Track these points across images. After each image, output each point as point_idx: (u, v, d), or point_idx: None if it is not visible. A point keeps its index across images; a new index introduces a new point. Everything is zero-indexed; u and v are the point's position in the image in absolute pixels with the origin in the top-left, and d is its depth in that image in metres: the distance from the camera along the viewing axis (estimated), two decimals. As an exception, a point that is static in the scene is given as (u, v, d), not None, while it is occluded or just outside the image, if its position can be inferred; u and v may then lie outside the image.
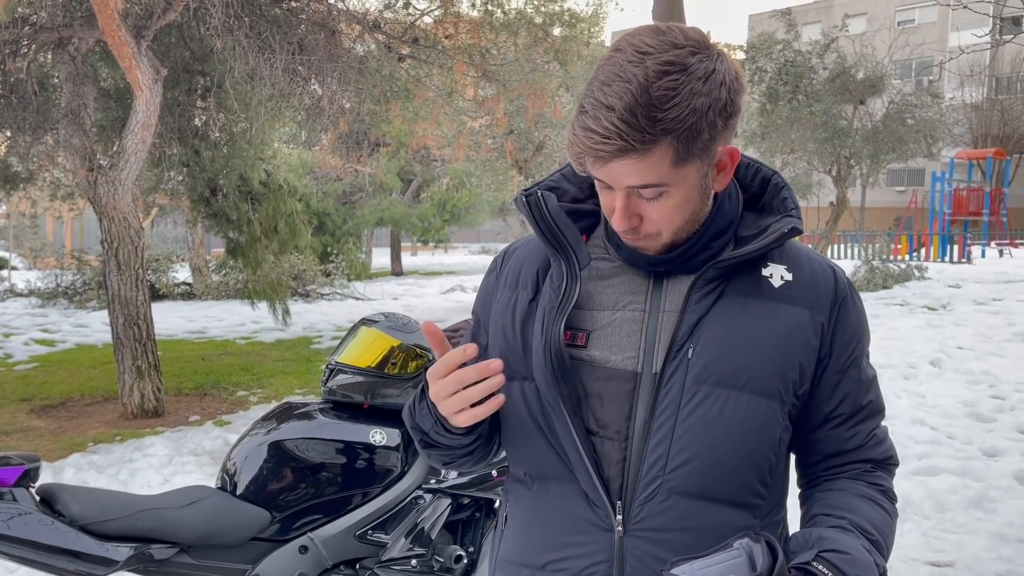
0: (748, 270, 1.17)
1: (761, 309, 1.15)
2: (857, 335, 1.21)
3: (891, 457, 1.25)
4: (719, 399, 1.12)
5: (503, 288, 1.27)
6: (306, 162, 17.76)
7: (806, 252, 1.23)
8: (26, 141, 8.20)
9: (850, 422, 1.21)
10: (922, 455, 5.31)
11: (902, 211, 33.86)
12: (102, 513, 2.05)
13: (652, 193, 1.08)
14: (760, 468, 1.15)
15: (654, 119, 1.01)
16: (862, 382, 1.21)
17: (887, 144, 15.18)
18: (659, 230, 1.13)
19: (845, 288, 1.21)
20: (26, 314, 13.17)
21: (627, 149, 1.03)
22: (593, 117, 1.03)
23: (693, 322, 1.14)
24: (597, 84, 1.05)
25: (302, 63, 6.71)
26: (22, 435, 6.25)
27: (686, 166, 1.07)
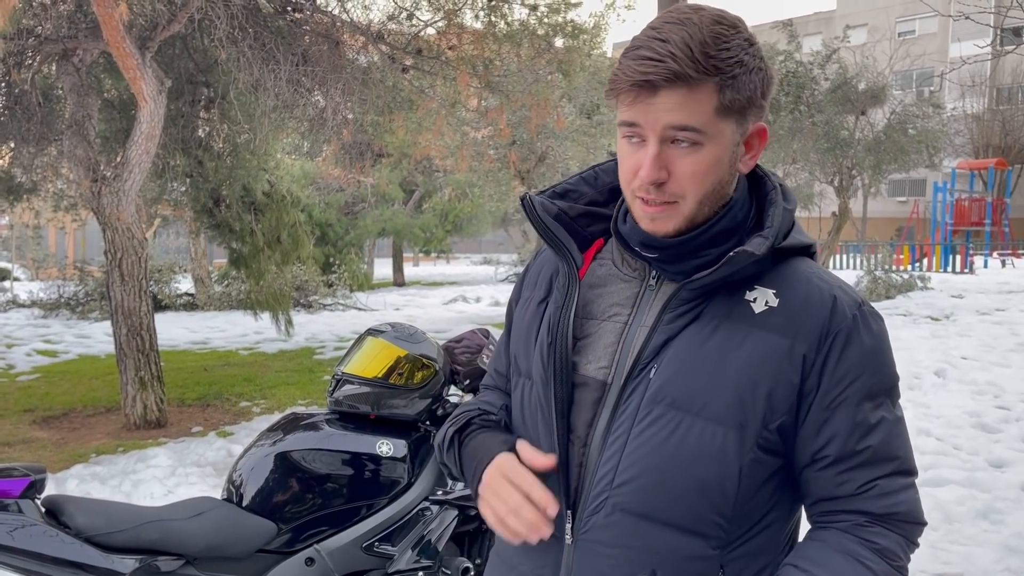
0: (729, 292, 1.12)
1: (732, 334, 1.10)
2: (854, 373, 1.09)
3: (896, 513, 1.10)
4: (671, 421, 1.09)
5: (527, 289, 1.31)
6: (309, 173, 17.79)
7: (809, 276, 1.14)
8: (30, 152, 8.22)
9: (839, 466, 1.10)
10: (928, 466, 5.28)
11: (904, 221, 33.86)
12: (108, 525, 2.04)
13: (687, 138, 1.06)
14: (712, 497, 1.09)
15: (707, 55, 1.03)
16: (857, 425, 1.10)
17: (889, 154, 15.20)
18: (684, 192, 1.09)
19: (846, 320, 1.10)
20: (28, 325, 13.18)
21: (679, 75, 1.02)
22: (647, 47, 1.04)
23: (661, 341, 1.12)
24: (648, 29, 1.07)
25: (306, 74, 6.73)
26: (25, 446, 6.24)
27: (725, 120, 1.06)
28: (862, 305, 1.13)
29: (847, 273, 18.77)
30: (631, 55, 1.06)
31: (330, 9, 7.03)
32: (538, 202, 1.22)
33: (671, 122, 1.05)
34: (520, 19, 7.25)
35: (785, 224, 1.14)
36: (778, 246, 1.13)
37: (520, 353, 1.26)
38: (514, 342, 1.29)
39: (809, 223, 34.70)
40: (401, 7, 7.14)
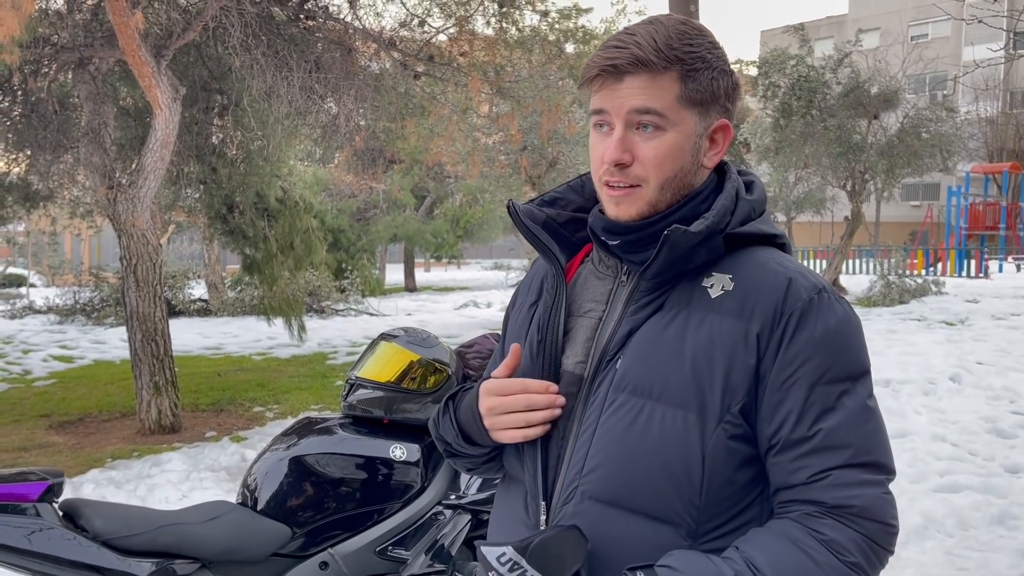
0: (689, 280, 1.15)
1: (689, 320, 1.12)
2: (807, 353, 1.09)
3: (850, 506, 1.06)
4: (634, 408, 1.12)
5: (521, 295, 1.36)
6: (321, 179, 17.87)
7: (766, 260, 1.16)
8: (46, 159, 8.31)
9: (791, 451, 1.09)
10: (944, 472, 5.25)
11: (917, 225, 33.68)
12: (124, 528, 2.06)
13: (651, 121, 1.12)
14: (678, 482, 1.09)
15: (671, 46, 1.11)
16: (808, 407, 1.08)
17: (902, 159, 15.13)
18: (646, 175, 1.13)
19: (800, 300, 1.10)
20: (44, 331, 13.28)
21: (641, 60, 1.10)
22: (615, 39, 1.14)
23: (626, 332, 1.15)
24: (622, 30, 1.17)
25: (318, 81, 6.78)
26: (41, 451, 6.29)
27: (687, 109, 1.13)
28: (823, 290, 1.13)
29: (860, 277, 18.69)
30: (601, 48, 1.15)
31: (342, 16, 7.07)
32: (523, 209, 1.27)
33: (635, 105, 1.11)
34: (531, 25, 7.28)
35: (740, 212, 1.17)
36: (732, 232, 1.15)
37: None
38: (508, 345, 1.34)
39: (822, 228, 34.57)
40: (413, 14, 7.18)
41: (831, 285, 1.17)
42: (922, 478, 5.15)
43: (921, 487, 5.00)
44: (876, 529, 1.07)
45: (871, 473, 1.08)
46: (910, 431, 6.11)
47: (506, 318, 1.40)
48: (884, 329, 11.08)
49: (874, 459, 1.09)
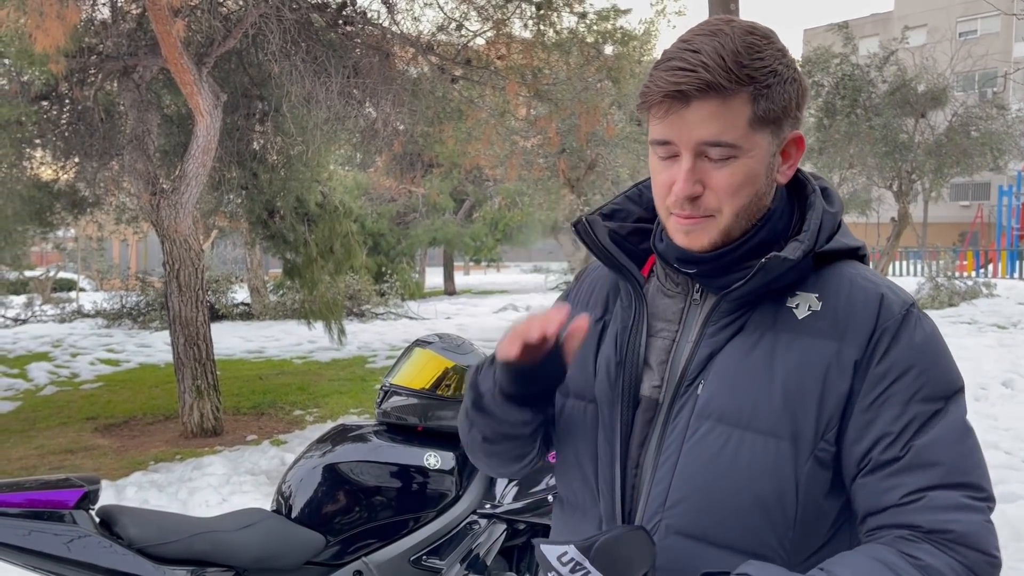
0: (772, 300, 1.08)
1: (777, 343, 1.06)
2: (900, 368, 1.02)
3: (949, 531, 0.96)
4: (721, 436, 1.05)
5: (578, 307, 1.25)
6: (361, 184, 18.01)
7: (852, 276, 1.09)
8: (93, 167, 8.47)
9: (883, 471, 1.01)
10: (996, 481, 5.07)
11: (967, 226, 32.89)
12: (159, 536, 2.06)
13: (721, 154, 1.03)
14: (772, 514, 1.03)
15: (740, 64, 1.01)
16: (906, 425, 1.01)
17: (951, 158, 14.77)
18: (720, 206, 1.06)
19: (894, 317, 1.05)
20: (92, 334, 13.57)
21: (711, 85, 1.00)
22: (678, 59, 1.02)
23: (706, 355, 1.09)
24: (679, 42, 1.04)
25: (357, 86, 6.81)
26: (86, 453, 6.40)
27: (760, 131, 1.04)
28: (912, 305, 1.08)
29: (907, 280, 18.28)
30: (662, 67, 1.03)
31: (380, 22, 7.10)
32: (597, 225, 1.20)
33: (704, 137, 1.02)
34: (569, 27, 7.23)
35: (827, 228, 1.10)
36: (819, 250, 1.09)
37: (578, 374, 1.20)
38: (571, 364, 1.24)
39: (867, 229, 33.93)
40: (451, 18, 7.18)
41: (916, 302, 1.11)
42: (974, 487, 4.99)
43: (973, 497, 4.83)
44: (978, 560, 0.97)
45: (969, 496, 0.99)
46: (961, 438, 5.93)
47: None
48: (933, 333, 10.80)
49: (972, 480, 1.01)
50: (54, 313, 16.76)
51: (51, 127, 7.96)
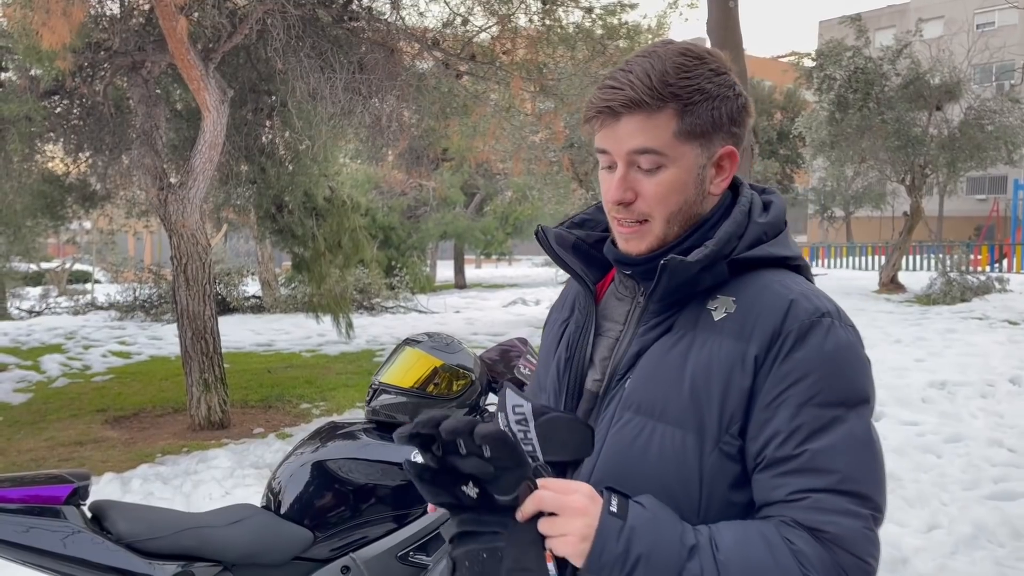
0: (696, 303, 1.17)
1: (693, 342, 1.14)
2: (799, 373, 1.08)
3: (825, 532, 1.02)
4: (637, 426, 1.14)
5: (555, 311, 1.41)
6: (372, 177, 18.06)
7: (770, 283, 1.15)
8: (104, 161, 8.54)
9: (775, 469, 1.07)
10: (998, 479, 5.06)
11: (983, 220, 32.58)
12: (148, 531, 2.10)
13: (650, 163, 1.14)
14: (678, 501, 1.09)
15: (665, 83, 1.11)
16: (798, 427, 1.06)
17: (964, 151, 14.65)
18: (651, 211, 1.16)
19: (798, 322, 1.10)
20: (105, 327, 13.69)
21: (637, 102, 1.11)
22: (612, 79, 1.15)
23: (635, 352, 1.18)
24: (622, 63, 1.17)
25: (362, 82, 6.83)
26: (95, 445, 6.48)
27: (687, 143, 1.14)
28: (826, 314, 1.12)
29: (921, 275, 18.15)
30: (599, 86, 1.16)
31: (386, 17, 7.11)
32: (553, 234, 1.30)
33: (633, 146, 1.13)
34: (575, 22, 7.22)
35: (749, 237, 1.17)
36: (738, 257, 1.16)
37: (540, 369, 1.37)
38: (541, 361, 1.39)
39: (882, 223, 33.70)
40: (456, 12, 7.18)
41: (840, 310, 1.15)
42: (975, 485, 4.98)
43: (973, 494, 4.82)
44: (850, 562, 1.02)
45: (856, 504, 1.04)
46: (965, 435, 5.91)
47: (544, 333, 1.44)
48: (943, 328, 10.74)
49: (861, 490, 1.05)
50: (68, 305, 16.92)
51: (61, 122, 8.03)
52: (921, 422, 6.27)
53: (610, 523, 1.00)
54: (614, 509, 1.02)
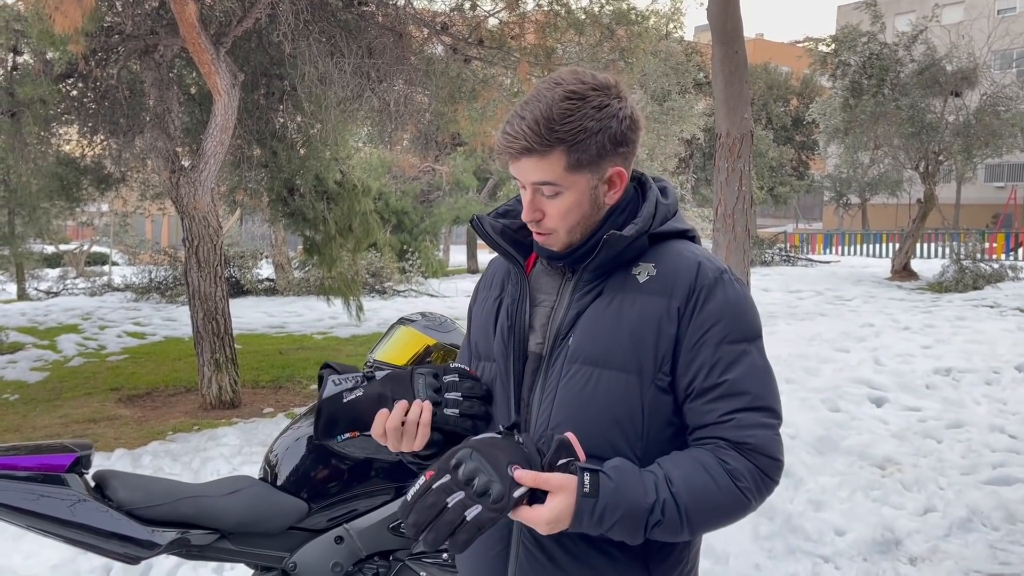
0: (621, 270, 1.42)
1: (624, 301, 1.39)
2: (713, 319, 1.36)
3: (748, 443, 1.33)
4: (585, 374, 1.38)
5: (483, 290, 1.61)
6: (385, 162, 18.12)
7: (680, 250, 1.43)
8: (118, 144, 8.64)
9: (704, 397, 1.36)
10: (997, 464, 5.09)
11: (1001, 208, 32.26)
12: (147, 499, 2.18)
13: (550, 191, 1.38)
14: (624, 429, 1.36)
15: (552, 130, 1.34)
16: (717, 361, 1.35)
17: (979, 139, 14.52)
18: (556, 227, 1.40)
19: (707, 279, 1.38)
20: (121, 307, 13.88)
21: (529, 149, 1.35)
22: (510, 123, 1.37)
23: (574, 315, 1.42)
24: (522, 101, 1.39)
25: (372, 66, 6.87)
26: (108, 423, 6.62)
27: (577, 173, 1.37)
28: (724, 272, 1.41)
29: (934, 262, 18.04)
30: (502, 129, 1.39)
31: (394, 2, 7.15)
32: (487, 222, 1.54)
33: (532, 179, 1.38)
34: (583, 7, 7.22)
35: (660, 214, 1.44)
36: (654, 231, 1.42)
37: (480, 341, 1.54)
38: (474, 333, 1.57)
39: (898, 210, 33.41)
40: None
41: (729, 269, 1.44)
42: (974, 470, 5.01)
43: (971, 479, 4.86)
44: (767, 463, 1.34)
45: (766, 416, 1.36)
46: (966, 421, 5.93)
47: (469, 312, 1.63)
48: (952, 316, 10.71)
49: (767, 404, 1.37)
50: (85, 286, 17.15)
51: (76, 105, 8.13)
52: (924, 408, 6.29)
53: (585, 504, 1.24)
54: (587, 489, 1.25)
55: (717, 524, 1.34)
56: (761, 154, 24.23)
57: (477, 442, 1.29)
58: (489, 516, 1.21)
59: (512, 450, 1.28)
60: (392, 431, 1.41)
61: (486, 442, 1.29)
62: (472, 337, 1.58)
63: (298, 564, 2.37)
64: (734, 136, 5.77)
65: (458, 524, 1.21)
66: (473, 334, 1.58)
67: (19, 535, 3.97)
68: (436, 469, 1.25)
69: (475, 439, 1.31)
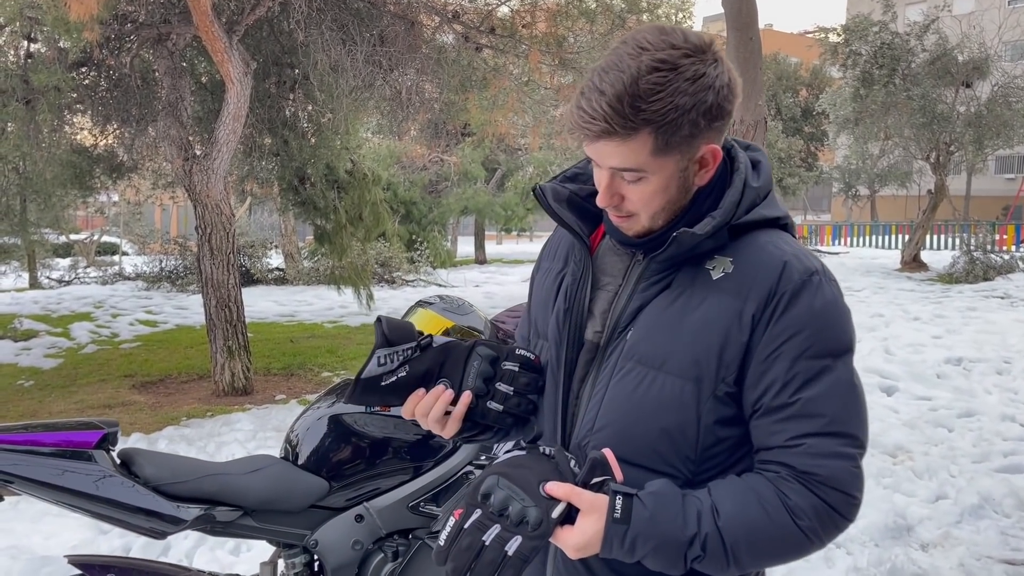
0: (694, 263, 1.24)
1: (691, 299, 1.22)
2: (794, 329, 1.17)
3: (816, 474, 1.15)
4: (639, 375, 1.23)
5: (546, 260, 1.45)
6: (393, 152, 18.13)
7: (764, 244, 1.23)
8: (131, 132, 8.69)
9: (772, 416, 1.18)
10: (1008, 452, 5.10)
11: (1011, 199, 32.09)
12: (172, 476, 2.22)
13: (632, 177, 1.19)
14: (676, 442, 1.21)
15: (637, 109, 1.12)
16: (792, 377, 1.17)
17: (991, 129, 14.45)
18: (637, 212, 1.23)
19: (792, 282, 1.19)
20: (132, 296, 13.96)
21: (610, 132, 1.14)
22: (587, 98, 1.15)
23: (636, 307, 1.26)
24: (597, 70, 1.16)
25: (383, 55, 6.89)
26: (123, 408, 6.68)
27: (665, 156, 1.17)
28: (815, 272, 1.21)
29: (944, 254, 17.97)
30: (576, 102, 1.17)
31: (407, -10, 7.16)
32: (549, 189, 1.35)
33: (612, 164, 1.19)
34: (595, -6, 7.22)
35: (746, 201, 1.24)
36: (736, 222, 1.23)
37: (539, 318, 1.40)
38: (534, 307, 1.43)
39: (908, 201, 33.27)
40: (476, -15, 7.20)
41: (826, 268, 1.23)
42: (985, 458, 5.02)
43: (983, 467, 4.87)
44: (837, 498, 1.16)
45: (843, 444, 1.17)
46: (978, 411, 5.94)
47: (532, 279, 1.48)
48: (963, 307, 10.70)
49: (847, 430, 1.17)
50: (97, 275, 17.24)
51: (89, 93, 8.17)
52: (935, 397, 6.30)
53: (615, 530, 1.12)
54: (618, 515, 1.13)
55: (773, 562, 1.19)
56: (770, 145, 24.15)
57: (501, 465, 1.18)
58: (531, 545, 1.11)
59: (540, 465, 1.18)
60: (420, 417, 1.33)
61: (511, 463, 1.18)
62: (532, 311, 1.44)
63: (319, 541, 2.41)
64: (748, 123, 5.78)
65: (501, 562, 1.11)
66: (533, 307, 1.44)
67: (39, 516, 4.03)
68: (464, 506, 1.15)
69: (498, 462, 1.19)
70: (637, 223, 1.25)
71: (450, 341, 1.36)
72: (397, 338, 1.34)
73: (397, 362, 1.33)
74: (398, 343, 1.34)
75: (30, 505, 3.99)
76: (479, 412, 1.32)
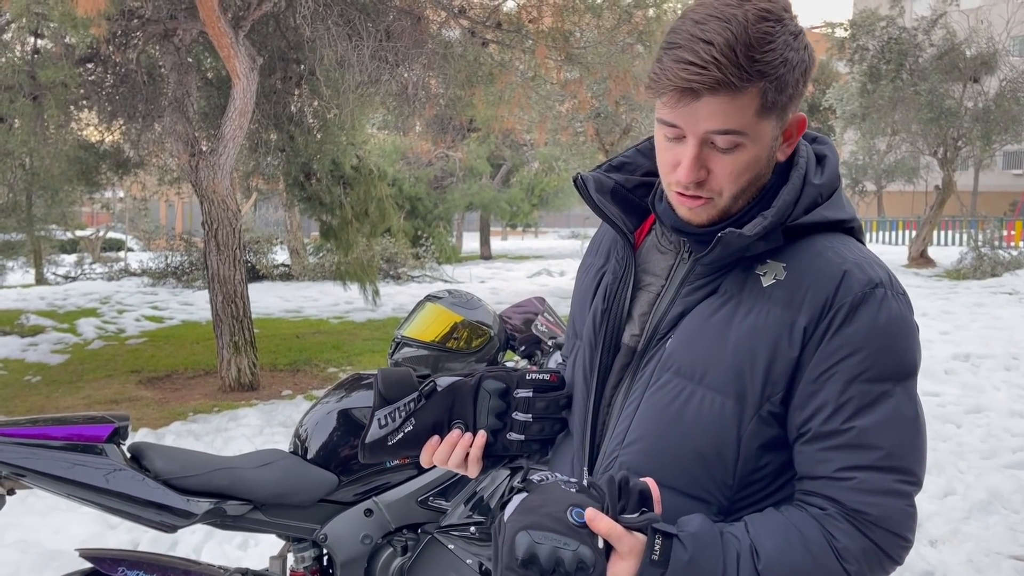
0: (744, 267, 1.13)
1: (738, 307, 1.10)
2: (851, 347, 1.05)
3: (867, 513, 1.03)
4: (675, 388, 1.12)
5: (590, 255, 1.35)
6: (399, 148, 18.14)
7: (823, 250, 1.11)
8: (137, 128, 8.70)
9: (820, 443, 1.06)
10: (1017, 448, 5.09)
11: (1019, 195, 31.97)
12: (182, 470, 2.22)
13: (728, 142, 1.05)
14: (711, 464, 1.10)
15: (752, 59, 1.01)
16: (846, 402, 1.05)
17: (999, 124, 14.40)
18: (722, 188, 1.09)
19: (851, 294, 1.06)
20: (138, 292, 13.99)
21: (723, 83, 1.01)
22: (690, 50, 1.02)
23: (678, 313, 1.15)
24: (690, 22, 1.04)
25: (389, 50, 6.88)
26: (130, 404, 6.69)
27: (767, 119, 1.06)
28: (879, 285, 1.08)
29: (951, 249, 17.93)
30: (673, 55, 1.03)
31: (413, -16, 7.15)
32: (591, 178, 1.24)
33: (712, 127, 1.04)
34: (602, -11, 7.20)
35: (805, 201, 1.12)
36: (793, 223, 1.11)
37: (577, 316, 1.31)
38: (574, 305, 1.33)
39: (915, 197, 33.19)
40: (483, -21, 7.19)
41: (894, 279, 1.11)
42: (994, 454, 5.01)
43: (991, 463, 4.86)
44: (889, 540, 1.05)
45: (898, 480, 1.05)
46: (986, 407, 5.92)
47: (578, 276, 1.39)
48: (971, 303, 10.67)
49: (904, 464, 1.05)
50: (102, 271, 17.29)
51: (96, 89, 8.18)
52: (943, 393, 6.28)
53: (650, 573, 1.01)
54: (656, 556, 1.02)
55: None
56: (776, 141, 24.08)
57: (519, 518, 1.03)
58: None
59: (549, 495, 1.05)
60: (440, 464, 1.25)
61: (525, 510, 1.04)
62: (572, 310, 1.34)
63: (329, 536, 2.41)
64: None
65: None
66: (573, 306, 1.34)
67: (47, 511, 4.04)
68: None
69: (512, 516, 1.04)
70: (713, 207, 1.11)
71: (455, 381, 1.28)
72: (395, 394, 1.28)
73: (400, 419, 1.27)
74: (397, 398, 1.28)
75: (39, 499, 4.00)
76: (500, 447, 1.25)
